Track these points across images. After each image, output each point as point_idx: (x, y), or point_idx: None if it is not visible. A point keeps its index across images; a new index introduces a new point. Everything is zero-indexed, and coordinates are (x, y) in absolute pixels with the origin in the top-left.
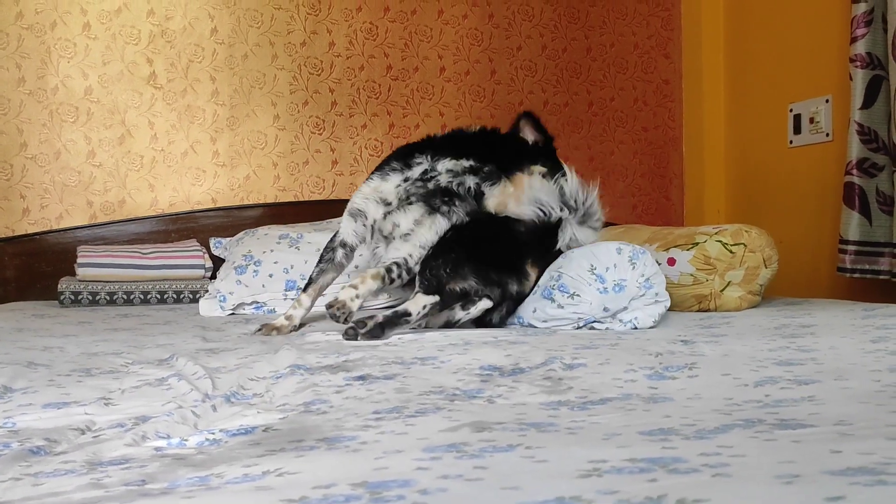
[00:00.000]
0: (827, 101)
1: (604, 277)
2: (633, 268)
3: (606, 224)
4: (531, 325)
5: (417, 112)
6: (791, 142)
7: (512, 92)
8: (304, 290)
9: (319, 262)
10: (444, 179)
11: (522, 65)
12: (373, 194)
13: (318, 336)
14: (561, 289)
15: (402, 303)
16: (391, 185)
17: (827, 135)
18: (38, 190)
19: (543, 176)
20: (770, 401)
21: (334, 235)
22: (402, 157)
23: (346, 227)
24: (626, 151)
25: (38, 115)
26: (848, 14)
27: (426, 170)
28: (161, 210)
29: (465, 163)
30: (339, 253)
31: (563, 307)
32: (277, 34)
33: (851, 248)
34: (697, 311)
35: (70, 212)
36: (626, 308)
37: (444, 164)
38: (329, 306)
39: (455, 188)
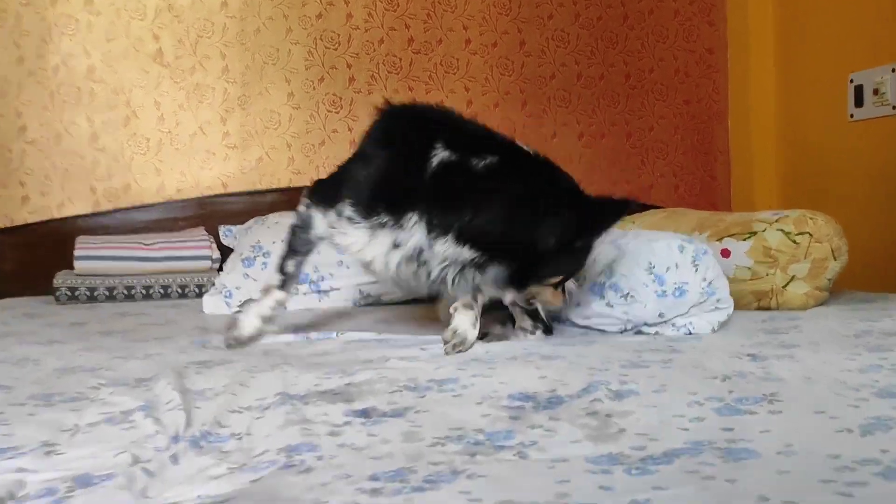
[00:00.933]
0: (894, 70)
1: (663, 279)
2: (696, 270)
3: (646, 206)
4: (569, 321)
5: (441, 87)
6: (852, 115)
7: (543, 64)
8: (282, 287)
9: (294, 251)
10: (435, 270)
11: (554, 35)
12: (356, 254)
13: (328, 345)
14: (613, 287)
15: None
16: (378, 249)
17: (894, 107)
18: (38, 176)
19: None
20: (890, 460)
21: (307, 223)
22: (391, 194)
23: (322, 222)
24: (666, 127)
25: (38, 96)
26: None
27: (420, 249)
28: (168, 196)
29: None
30: (315, 248)
31: (612, 307)
32: (291, 6)
33: None
34: (757, 308)
35: (72, 199)
36: (682, 314)
37: (442, 248)
38: (446, 341)
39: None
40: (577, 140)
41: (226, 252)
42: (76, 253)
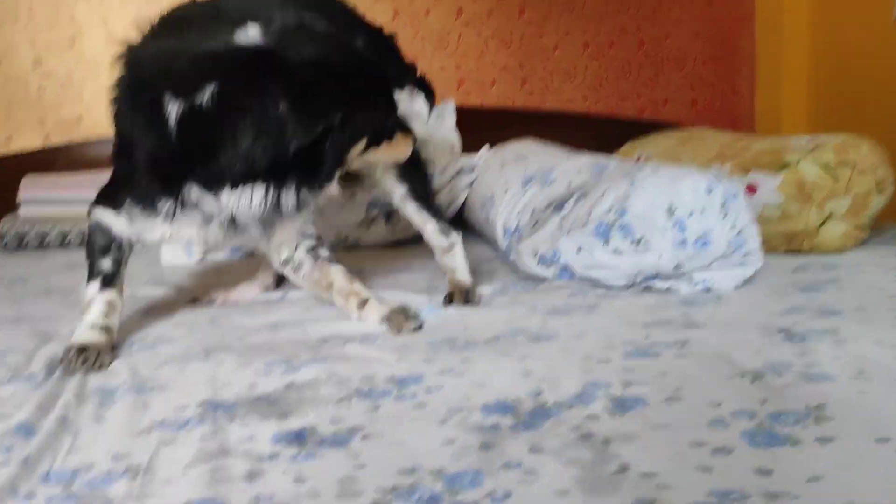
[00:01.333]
0: None
1: (685, 225)
2: (725, 216)
3: (657, 124)
4: (567, 268)
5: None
6: None
7: None
8: (106, 286)
9: (105, 250)
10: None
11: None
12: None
13: (285, 311)
14: (623, 229)
15: None
16: (191, 231)
17: None
18: None
19: None
20: None
21: (106, 229)
22: (159, 174)
23: (120, 226)
24: (684, 33)
25: None
26: None
27: (216, 214)
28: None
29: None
30: (126, 245)
31: (620, 254)
32: None
33: None
34: (786, 251)
35: (20, 131)
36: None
37: (231, 202)
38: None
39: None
40: (583, 50)
41: None
42: (21, 196)
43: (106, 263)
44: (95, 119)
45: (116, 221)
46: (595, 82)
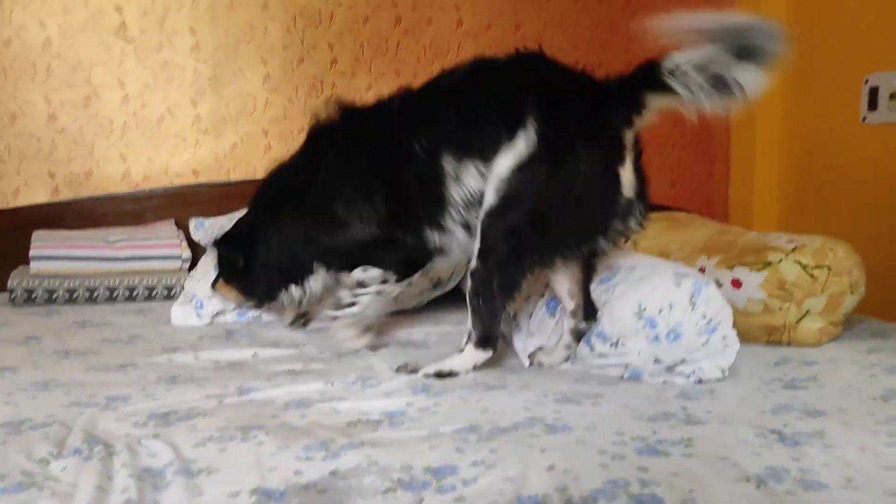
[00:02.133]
0: None
1: (655, 322)
2: (693, 308)
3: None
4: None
5: (430, 72)
6: (864, 118)
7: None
8: None
9: None
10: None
11: (552, 18)
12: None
13: (309, 385)
14: (601, 336)
15: None
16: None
17: None
18: None
19: None
20: None
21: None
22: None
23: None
24: (665, 119)
25: None
26: None
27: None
28: (135, 183)
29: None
30: None
31: (605, 356)
32: None
33: None
34: (766, 342)
35: (29, 184)
36: (683, 360)
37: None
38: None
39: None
40: None
41: (196, 247)
42: (32, 253)
43: None
44: (107, 174)
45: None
46: None
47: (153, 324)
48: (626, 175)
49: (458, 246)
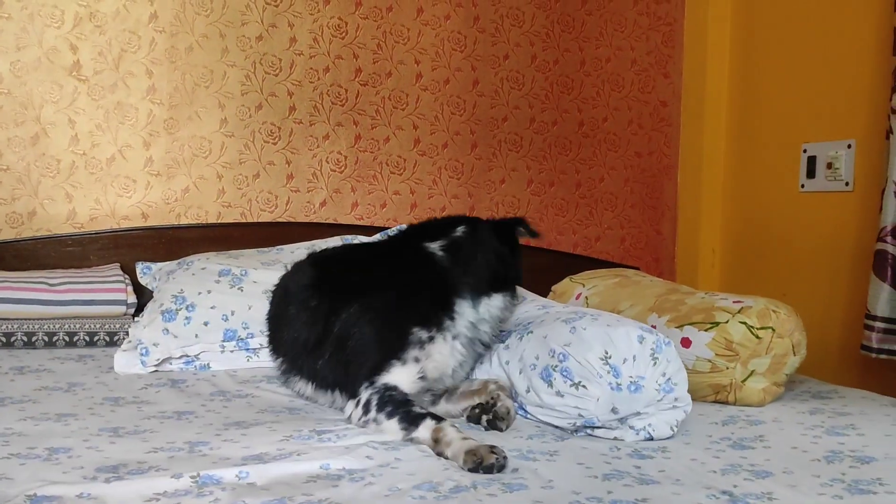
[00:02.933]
0: (849, 146)
1: (619, 371)
2: (655, 364)
3: (590, 259)
4: (522, 409)
5: (388, 123)
6: (803, 185)
7: (495, 106)
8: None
9: None
10: None
11: (509, 76)
12: None
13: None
14: (564, 373)
15: None
16: None
17: (847, 184)
18: None
19: None
20: None
21: None
22: None
23: None
24: (616, 178)
25: None
26: (884, 55)
27: None
28: (80, 224)
29: None
30: None
31: (562, 396)
32: (229, 24)
33: (880, 324)
34: (713, 401)
35: None
36: (637, 413)
37: None
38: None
39: None
40: (526, 187)
41: (142, 292)
42: None
43: None
44: (51, 214)
45: None
46: (536, 216)
47: (94, 371)
48: None
49: None
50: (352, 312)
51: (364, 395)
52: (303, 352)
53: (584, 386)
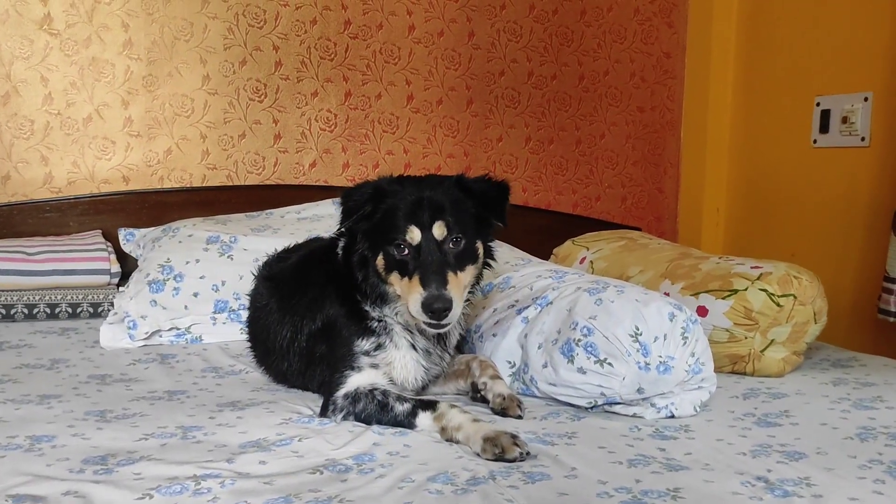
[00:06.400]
0: (866, 99)
1: (648, 349)
2: (685, 343)
3: (590, 220)
4: (533, 382)
5: (380, 79)
6: (815, 141)
7: (492, 59)
8: None
9: None
10: None
11: (506, 27)
12: None
13: (265, 431)
14: (588, 348)
15: None
16: None
17: (862, 139)
18: None
19: None
20: None
21: None
22: None
23: None
24: (617, 135)
25: None
26: None
27: None
28: (58, 189)
29: None
30: None
31: (584, 373)
32: None
33: None
34: (731, 372)
35: None
36: (662, 392)
37: None
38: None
39: None
40: (524, 144)
41: (126, 260)
42: None
43: None
44: (26, 178)
45: None
46: (535, 175)
47: (78, 346)
48: None
49: None
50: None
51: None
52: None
53: (609, 363)
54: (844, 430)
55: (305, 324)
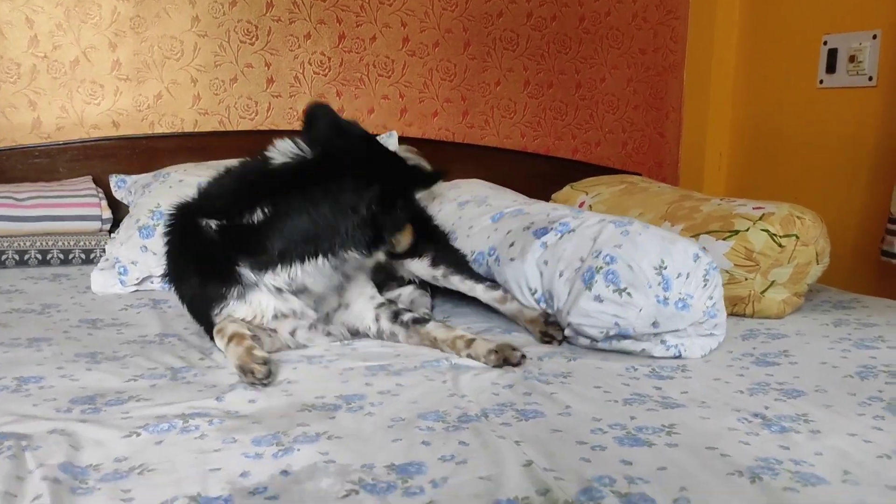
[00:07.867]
0: (874, 37)
1: (670, 284)
2: (705, 286)
3: (590, 165)
4: (559, 312)
5: (374, 20)
6: (822, 81)
7: (490, 1)
8: None
9: None
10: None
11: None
12: None
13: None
14: (609, 276)
15: None
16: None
17: (870, 78)
18: None
19: None
20: None
21: None
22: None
23: None
24: (618, 78)
25: None
26: None
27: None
28: (46, 135)
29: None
30: None
31: (601, 301)
32: None
33: None
34: (730, 314)
35: None
36: (675, 330)
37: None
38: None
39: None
40: (523, 89)
41: (117, 206)
42: None
43: None
44: (14, 124)
45: None
46: (533, 120)
47: (69, 291)
48: None
49: None
50: None
51: None
52: None
53: (629, 293)
54: (844, 368)
55: None
